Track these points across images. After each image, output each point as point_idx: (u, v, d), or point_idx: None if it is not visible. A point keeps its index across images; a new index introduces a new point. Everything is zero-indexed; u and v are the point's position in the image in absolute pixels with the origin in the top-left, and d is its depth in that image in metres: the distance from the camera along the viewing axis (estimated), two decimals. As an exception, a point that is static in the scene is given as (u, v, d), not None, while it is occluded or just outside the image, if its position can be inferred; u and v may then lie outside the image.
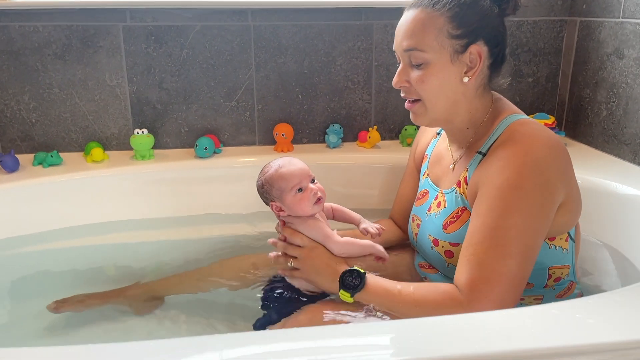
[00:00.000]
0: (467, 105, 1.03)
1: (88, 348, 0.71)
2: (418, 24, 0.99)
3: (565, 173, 0.95)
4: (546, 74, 1.86)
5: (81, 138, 1.68)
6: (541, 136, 0.95)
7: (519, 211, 0.90)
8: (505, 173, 0.92)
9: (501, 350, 0.69)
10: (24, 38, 1.57)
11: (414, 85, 1.01)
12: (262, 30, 1.68)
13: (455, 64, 0.98)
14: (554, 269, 1.02)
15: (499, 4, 1.01)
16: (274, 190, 1.09)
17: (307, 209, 1.08)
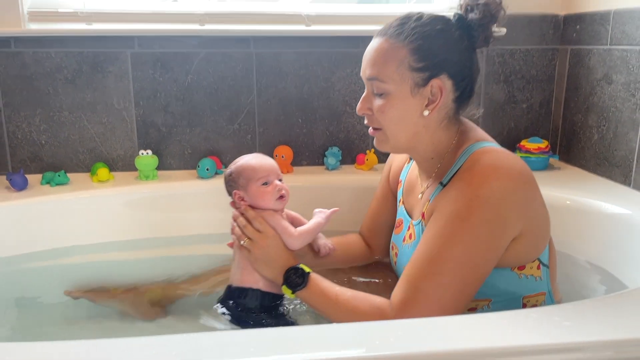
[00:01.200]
0: (429, 136, 1.01)
1: (81, 344, 0.74)
2: (381, 54, 0.98)
3: (524, 205, 0.92)
4: (539, 100, 1.91)
5: (88, 159, 1.74)
6: (500, 167, 0.92)
7: (462, 244, 0.89)
8: (456, 203, 0.92)
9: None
10: (37, 64, 1.65)
11: (375, 113, 1.00)
12: (264, 57, 1.75)
13: (415, 96, 0.97)
14: (528, 297, 1.01)
15: (468, 37, 0.99)
16: (241, 179, 1.12)
17: (269, 202, 1.12)
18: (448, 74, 0.97)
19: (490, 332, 0.76)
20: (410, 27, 0.97)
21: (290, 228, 1.12)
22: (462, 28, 1.00)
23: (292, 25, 1.74)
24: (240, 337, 0.77)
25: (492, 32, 1.01)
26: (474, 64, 1.02)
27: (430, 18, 0.99)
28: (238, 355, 0.71)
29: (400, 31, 0.97)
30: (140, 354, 0.72)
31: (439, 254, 0.90)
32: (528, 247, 0.97)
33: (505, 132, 1.92)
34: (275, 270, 1.07)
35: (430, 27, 0.97)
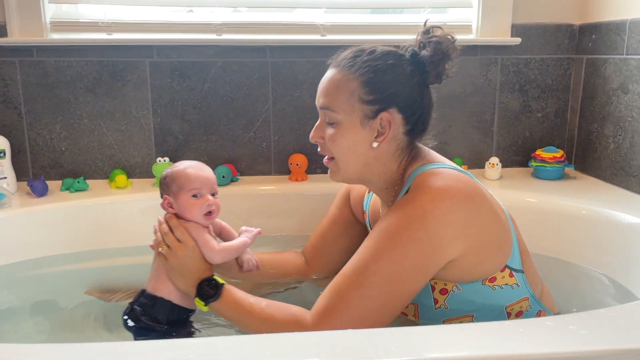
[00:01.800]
0: (380, 167, 1.03)
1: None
2: (333, 84, 1.00)
3: (462, 225, 0.91)
4: (555, 110, 1.91)
5: (107, 166, 1.77)
6: (436, 188, 0.92)
7: (389, 259, 0.90)
8: (389, 220, 0.93)
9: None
10: (58, 72, 1.69)
11: (326, 142, 1.02)
12: (280, 66, 1.77)
13: (365, 128, 0.99)
14: (511, 306, 1.01)
15: (420, 73, 1.01)
16: (174, 185, 1.12)
17: (195, 216, 1.11)
18: (398, 108, 0.99)
19: (505, 341, 0.76)
20: (362, 60, 1.00)
21: (212, 242, 1.11)
22: (414, 64, 1.02)
23: (307, 35, 1.76)
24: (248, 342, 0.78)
25: (445, 69, 1.02)
26: (426, 100, 1.03)
27: (383, 53, 1.02)
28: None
29: (353, 63, 1.00)
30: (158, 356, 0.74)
31: (366, 267, 0.91)
32: (481, 263, 0.96)
33: (520, 141, 1.92)
34: (189, 282, 1.08)
35: (382, 61, 1.00)
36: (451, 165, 1.02)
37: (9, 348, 0.78)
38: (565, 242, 1.47)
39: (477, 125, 1.89)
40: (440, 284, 0.99)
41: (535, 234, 1.50)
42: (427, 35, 1.03)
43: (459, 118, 1.88)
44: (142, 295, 1.13)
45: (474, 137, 1.90)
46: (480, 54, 1.84)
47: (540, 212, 1.53)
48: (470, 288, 0.98)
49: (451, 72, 1.04)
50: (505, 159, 1.90)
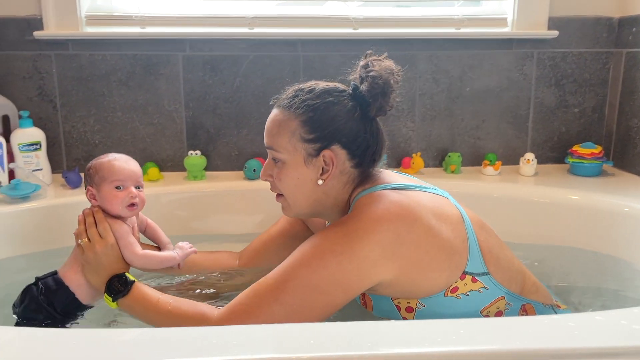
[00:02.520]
0: (331, 200, 1.04)
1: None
2: (275, 124, 1.02)
3: (392, 246, 0.91)
4: (592, 105, 1.86)
5: (139, 159, 1.76)
6: (370, 211, 0.93)
7: (308, 267, 0.90)
8: (317, 236, 0.94)
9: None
10: (92, 66, 1.71)
11: (275, 180, 1.04)
12: (311, 59, 1.76)
13: (309, 166, 1.00)
14: (486, 309, 0.99)
15: (361, 107, 1.01)
16: (97, 176, 1.11)
17: (117, 208, 1.10)
18: (340, 144, 1.00)
19: (559, 334, 0.74)
20: (301, 99, 1.00)
21: (135, 246, 1.10)
22: (355, 98, 1.02)
23: (339, 28, 1.75)
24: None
25: (387, 101, 1.01)
26: (371, 132, 1.02)
27: (322, 91, 1.02)
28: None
29: (292, 103, 1.01)
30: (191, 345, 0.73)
31: (285, 272, 0.92)
32: (426, 278, 0.95)
33: (556, 137, 1.87)
34: (100, 279, 1.08)
35: (320, 99, 1.00)
36: (395, 184, 1.01)
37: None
38: (612, 239, 1.43)
39: (511, 121, 1.85)
40: (403, 302, 0.98)
41: (581, 231, 1.47)
42: (365, 69, 1.03)
43: (493, 113, 1.84)
44: (52, 277, 1.12)
45: (509, 132, 1.86)
46: (516, 47, 1.80)
47: (583, 209, 1.49)
48: (434, 302, 0.97)
49: (396, 101, 1.04)
50: (540, 155, 1.86)
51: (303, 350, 0.70)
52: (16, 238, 1.47)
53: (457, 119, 1.84)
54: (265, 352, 0.70)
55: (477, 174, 1.78)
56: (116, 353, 0.71)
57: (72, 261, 1.14)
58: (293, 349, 0.70)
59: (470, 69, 1.80)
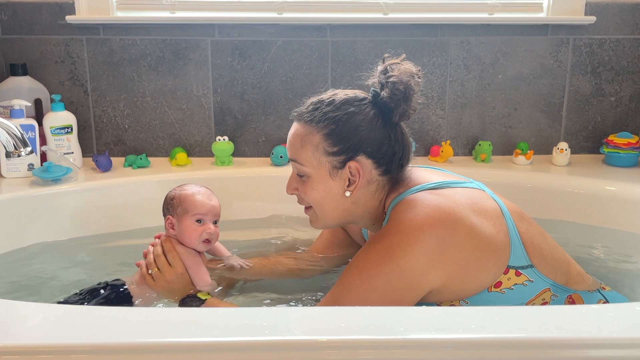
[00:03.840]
0: (361, 209, 1.02)
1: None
2: (297, 139, 1.01)
3: (438, 252, 0.89)
4: (630, 93, 1.80)
5: (167, 144, 1.79)
6: (407, 220, 0.90)
7: (357, 293, 0.89)
8: (360, 254, 0.93)
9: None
10: (123, 50, 1.72)
11: (300, 194, 1.03)
12: (340, 45, 1.74)
13: (335, 179, 0.99)
14: (532, 301, 0.96)
15: (384, 114, 0.99)
16: (180, 208, 1.14)
17: (194, 242, 1.14)
18: (366, 154, 0.98)
19: (596, 323, 0.72)
20: (322, 112, 0.99)
21: (206, 276, 1.14)
22: (377, 106, 0.99)
23: (369, 13, 1.72)
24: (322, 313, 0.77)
25: (410, 106, 0.98)
26: (396, 138, 1.00)
27: (342, 101, 1.00)
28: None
29: (313, 117, 0.99)
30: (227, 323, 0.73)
31: (336, 300, 0.91)
32: (474, 278, 0.93)
33: (591, 126, 1.82)
34: (172, 299, 1.13)
35: (342, 111, 0.98)
36: (431, 184, 0.99)
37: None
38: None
39: (544, 109, 1.81)
40: (445, 303, 0.96)
41: (619, 222, 1.42)
42: (384, 75, 1.00)
43: (525, 101, 1.80)
44: (120, 288, 1.15)
45: (541, 121, 1.81)
46: (551, 33, 1.75)
47: (621, 200, 1.46)
48: (478, 299, 0.95)
49: (418, 105, 1.01)
50: (574, 145, 1.81)
51: (333, 333, 0.69)
52: (48, 220, 1.49)
53: (489, 106, 1.80)
54: (296, 334, 0.69)
55: (508, 163, 1.74)
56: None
57: (139, 280, 1.17)
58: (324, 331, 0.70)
59: (503, 56, 1.76)
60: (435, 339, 0.69)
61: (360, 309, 0.77)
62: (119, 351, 0.69)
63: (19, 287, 1.29)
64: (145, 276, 1.15)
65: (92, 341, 0.70)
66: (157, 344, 0.69)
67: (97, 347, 0.70)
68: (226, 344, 0.67)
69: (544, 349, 0.69)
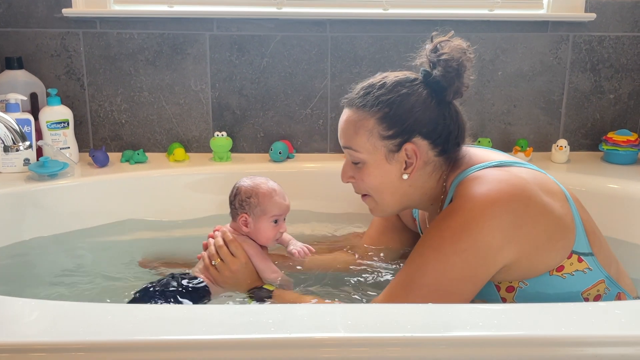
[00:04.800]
0: (419, 191, 1.01)
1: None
2: (350, 125, 0.99)
3: (511, 229, 0.88)
4: (629, 91, 1.80)
5: (165, 139, 1.78)
6: (480, 194, 0.89)
7: (434, 272, 0.88)
8: (432, 233, 0.91)
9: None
10: (120, 44, 1.70)
11: (357, 182, 1.01)
12: (339, 40, 1.73)
13: (391, 162, 0.97)
14: (587, 291, 0.95)
15: (437, 93, 0.98)
16: (258, 208, 1.13)
17: (269, 240, 1.15)
18: (421, 135, 0.97)
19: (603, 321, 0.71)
20: (375, 95, 0.97)
21: (271, 264, 1.15)
22: (429, 85, 0.98)
23: (369, 8, 1.71)
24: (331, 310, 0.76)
25: (463, 83, 0.97)
26: (450, 117, 0.99)
27: (394, 84, 0.98)
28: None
29: (365, 101, 0.98)
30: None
31: (412, 281, 0.90)
32: (542, 258, 0.92)
33: (590, 124, 1.82)
34: (239, 291, 1.13)
35: (394, 93, 0.97)
36: (494, 162, 0.98)
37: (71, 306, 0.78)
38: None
39: (544, 106, 1.80)
40: (505, 283, 0.95)
41: (619, 220, 1.42)
42: (435, 53, 0.99)
43: (524, 98, 1.79)
44: (203, 286, 1.14)
45: (540, 118, 1.81)
46: (551, 30, 1.74)
47: (621, 198, 1.46)
48: (538, 282, 0.93)
49: (470, 80, 1.00)
50: (573, 142, 1.81)
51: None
52: (44, 216, 1.48)
53: (488, 103, 1.79)
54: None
55: (507, 160, 1.74)
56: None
57: (202, 271, 1.16)
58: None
59: (502, 52, 1.75)
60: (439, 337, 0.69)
61: (365, 307, 0.76)
62: (117, 349, 0.68)
63: (14, 282, 1.27)
64: (209, 267, 1.14)
65: (91, 339, 0.69)
66: (156, 341, 0.67)
67: (96, 344, 0.68)
68: (229, 342, 0.66)
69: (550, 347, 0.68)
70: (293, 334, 0.65)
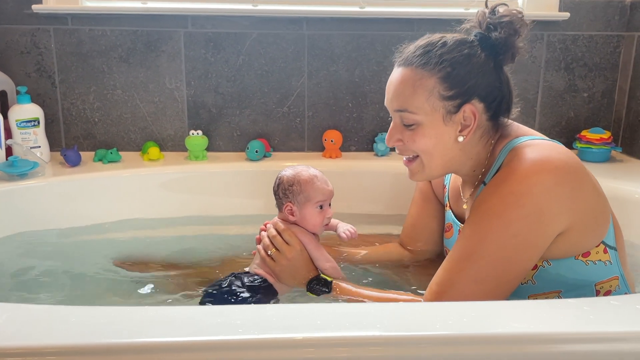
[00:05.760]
0: (466, 156, 0.99)
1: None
2: (408, 85, 0.95)
3: (568, 198, 0.88)
4: (602, 89, 1.82)
5: (139, 138, 1.75)
6: (538, 161, 0.88)
7: (497, 241, 0.87)
8: (492, 199, 0.89)
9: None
10: (92, 41, 1.66)
11: (406, 144, 0.98)
12: (316, 38, 1.72)
13: (448, 124, 0.95)
14: (601, 284, 0.96)
15: (495, 57, 0.96)
16: (301, 195, 1.12)
17: (316, 226, 1.14)
18: (479, 98, 0.95)
19: (572, 318, 0.72)
20: (437, 54, 0.94)
21: (324, 251, 1.14)
22: (487, 49, 0.96)
23: (346, 6, 1.70)
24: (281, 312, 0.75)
25: (519, 47, 0.97)
26: (504, 81, 0.99)
27: (456, 43, 0.95)
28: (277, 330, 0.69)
29: (427, 60, 0.94)
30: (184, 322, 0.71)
31: (474, 250, 0.89)
32: (583, 237, 0.92)
33: (564, 121, 1.84)
34: (298, 281, 1.11)
35: (457, 52, 0.94)
36: (543, 138, 0.98)
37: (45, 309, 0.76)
38: (623, 226, 1.40)
39: (518, 105, 1.81)
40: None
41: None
42: (494, 16, 0.97)
43: (500, 96, 1.80)
44: (266, 283, 1.13)
45: (515, 116, 1.82)
46: (526, 29, 1.75)
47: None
48: (562, 263, 0.93)
49: (522, 48, 0.98)
50: (548, 140, 1.83)
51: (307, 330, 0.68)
52: (14, 216, 1.44)
53: (464, 102, 1.80)
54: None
55: (483, 158, 1.75)
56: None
57: (260, 265, 1.15)
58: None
59: (478, 51, 1.76)
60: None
61: (336, 307, 0.75)
62: (77, 353, 0.66)
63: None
64: (265, 259, 1.13)
65: (57, 342, 0.67)
66: (116, 345, 0.66)
67: (62, 348, 0.67)
68: (197, 344, 0.65)
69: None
70: (261, 334, 0.64)
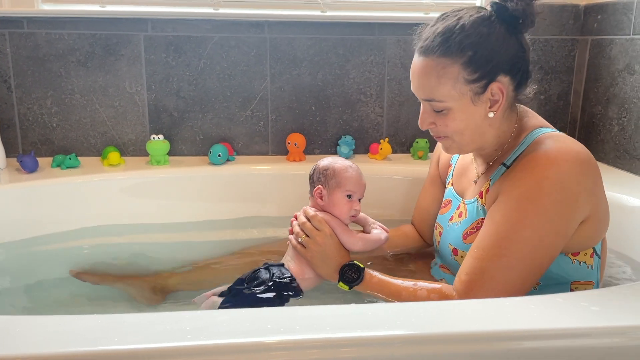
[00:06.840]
0: (494, 132, 1.00)
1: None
2: (432, 76, 0.95)
3: (591, 189, 0.91)
4: (558, 92, 1.87)
5: (99, 143, 1.72)
6: (569, 150, 0.91)
7: (532, 226, 0.89)
8: (526, 184, 0.90)
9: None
10: (49, 45, 1.63)
11: (439, 127, 0.99)
12: (278, 42, 1.72)
13: (477, 104, 0.95)
14: (577, 284, 0.98)
15: (513, 27, 0.95)
16: (333, 180, 1.15)
17: (343, 215, 1.15)
18: (504, 73, 0.95)
19: (519, 315, 0.73)
20: (456, 41, 0.93)
21: (351, 231, 1.15)
22: (505, 20, 0.95)
23: (307, 10, 1.71)
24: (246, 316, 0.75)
25: (537, 12, 0.97)
26: (524, 48, 0.98)
27: (473, 24, 0.94)
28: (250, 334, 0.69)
29: (447, 47, 0.93)
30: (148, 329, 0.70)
31: (507, 235, 0.89)
32: (590, 232, 0.95)
33: (522, 123, 1.88)
34: (330, 268, 1.10)
35: (476, 35, 0.93)
36: (557, 131, 1.01)
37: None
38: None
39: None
40: None
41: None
42: None
43: (460, 99, 1.84)
44: (281, 266, 1.14)
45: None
46: (484, 33, 1.79)
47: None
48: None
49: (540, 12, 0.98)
50: (507, 142, 1.87)
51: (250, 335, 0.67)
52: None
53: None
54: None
55: (445, 160, 1.78)
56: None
57: (294, 256, 1.16)
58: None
59: (438, 55, 1.79)
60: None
61: (289, 310, 0.75)
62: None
63: None
64: (297, 247, 1.14)
65: (21, 352, 0.65)
66: (65, 354, 0.65)
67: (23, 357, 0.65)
68: (145, 351, 0.64)
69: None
70: (210, 340, 0.64)
